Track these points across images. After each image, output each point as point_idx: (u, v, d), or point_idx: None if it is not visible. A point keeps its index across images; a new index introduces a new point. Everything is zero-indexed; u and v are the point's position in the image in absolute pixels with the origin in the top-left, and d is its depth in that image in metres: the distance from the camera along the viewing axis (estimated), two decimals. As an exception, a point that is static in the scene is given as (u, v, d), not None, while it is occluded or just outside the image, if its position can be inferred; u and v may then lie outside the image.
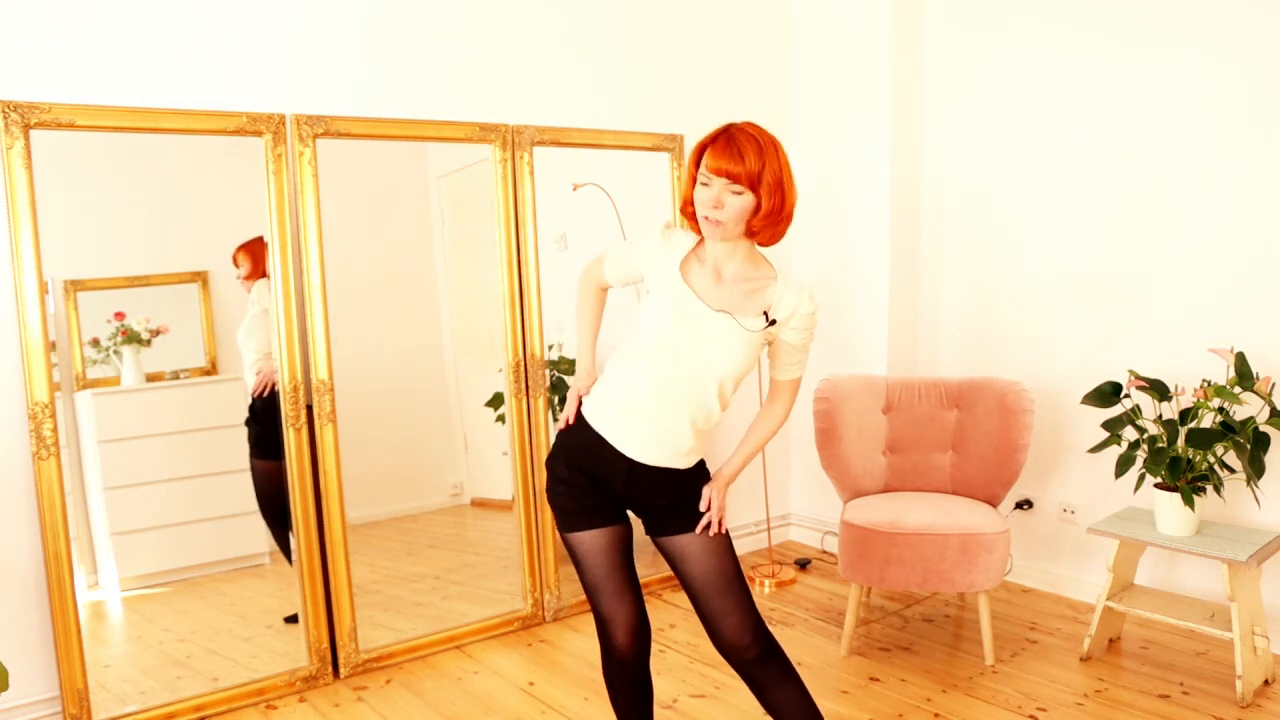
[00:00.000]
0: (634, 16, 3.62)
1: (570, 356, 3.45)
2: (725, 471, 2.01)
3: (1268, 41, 2.86)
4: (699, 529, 1.93)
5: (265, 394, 2.89)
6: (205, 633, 2.90)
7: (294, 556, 2.88)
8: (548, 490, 2.01)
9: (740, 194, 1.77)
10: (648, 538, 2.03)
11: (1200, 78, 3.01)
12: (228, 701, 2.77)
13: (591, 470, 1.93)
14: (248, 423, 2.93)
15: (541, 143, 3.30)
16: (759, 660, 1.93)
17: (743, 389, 2.07)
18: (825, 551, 4.12)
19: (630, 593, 1.97)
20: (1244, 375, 2.72)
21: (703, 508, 1.94)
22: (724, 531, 1.97)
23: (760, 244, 1.89)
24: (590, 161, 3.48)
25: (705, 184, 1.79)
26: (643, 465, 1.89)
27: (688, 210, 1.87)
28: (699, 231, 1.87)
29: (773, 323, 1.86)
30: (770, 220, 1.81)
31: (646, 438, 1.88)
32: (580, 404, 1.99)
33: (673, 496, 1.94)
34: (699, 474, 1.98)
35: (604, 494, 1.94)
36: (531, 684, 2.92)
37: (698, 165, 1.81)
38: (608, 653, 2.02)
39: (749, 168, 1.75)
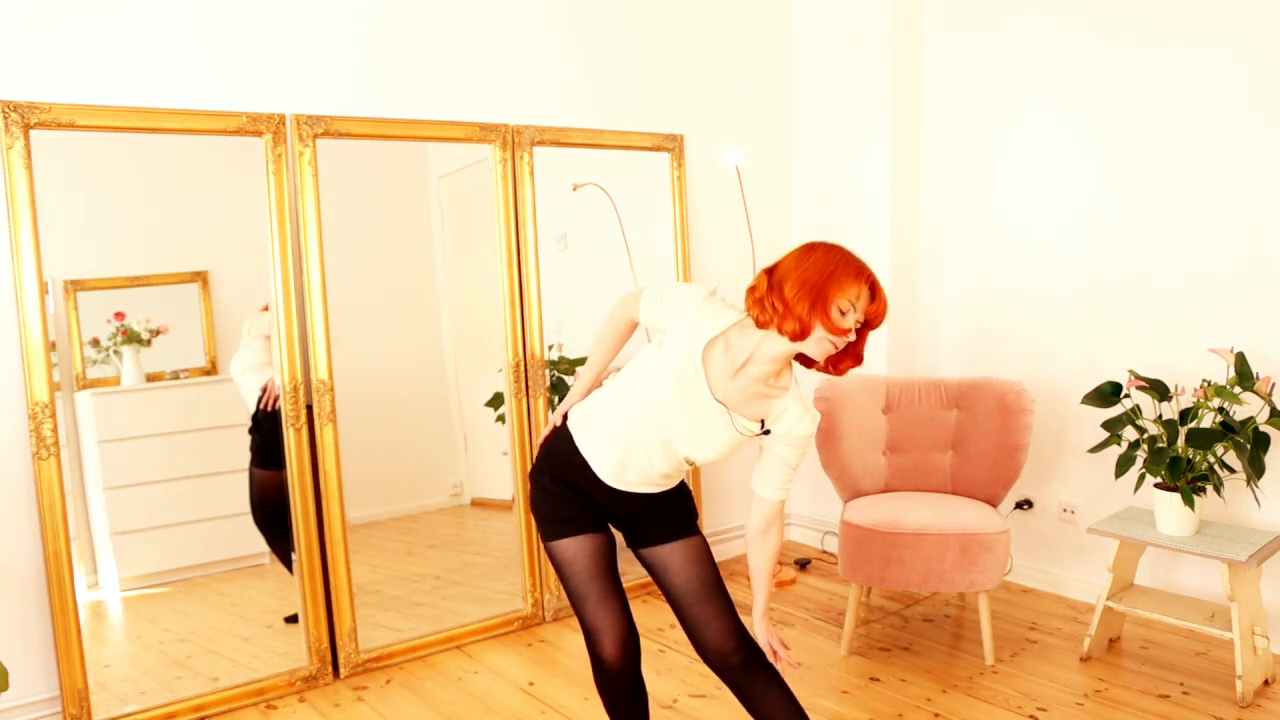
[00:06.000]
0: (634, 16, 3.62)
1: (570, 357, 3.45)
2: (759, 612, 2.01)
3: (1270, 41, 2.86)
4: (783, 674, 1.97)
5: (270, 407, 2.89)
6: (205, 633, 2.90)
7: (294, 556, 2.88)
8: (531, 501, 2.04)
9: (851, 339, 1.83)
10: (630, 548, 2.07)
11: (1203, 77, 3.01)
12: (228, 701, 2.77)
13: (575, 484, 1.97)
14: (250, 431, 2.94)
15: (541, 143, 3.30)
16: (744, 665, 1.95)
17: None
18: (825, 551, 4.12)
19: (616, 601, 1.97)
20: (1244, 375, 2.72)
21: (771, 658, 1.98)
22: (707, 547, 2.02)
23: (818, 370, 1.92)
24: (590, 161, 3.47)
25: (844, 313, 1.81)
26: (620, 490, 1.94)
27: (788, 312, 1.78)
28: (802, 344, 1.81)
29: (766, 432, 1.88)
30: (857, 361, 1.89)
31: (620, 470, 1.92)
32: (565, 419, 2.02)
33: (654, 511, 1.99)
34: (680, 489, 2.03)
35: (587, 503, 1.97)
36: (531, 684, 2.92)
37: (833, 303, 1.79)
38: (598, 664, 2.01)
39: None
